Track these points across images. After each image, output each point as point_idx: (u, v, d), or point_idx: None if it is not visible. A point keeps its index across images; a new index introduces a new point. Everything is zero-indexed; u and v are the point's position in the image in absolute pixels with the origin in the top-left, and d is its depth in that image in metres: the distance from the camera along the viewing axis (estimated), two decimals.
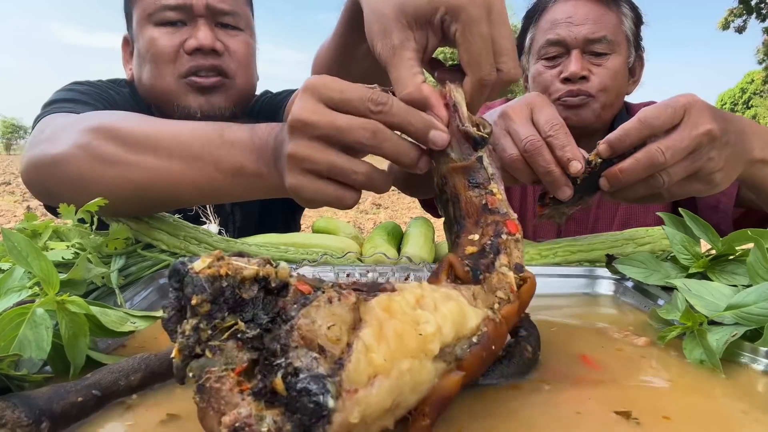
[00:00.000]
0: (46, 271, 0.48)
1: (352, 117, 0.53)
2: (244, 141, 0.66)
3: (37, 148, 0.79)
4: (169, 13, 1.09)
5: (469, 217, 0.51)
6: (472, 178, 0.52)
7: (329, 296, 0.34)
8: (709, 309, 0.54)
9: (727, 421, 0.41)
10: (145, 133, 0.71)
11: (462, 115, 0.53)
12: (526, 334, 0.49)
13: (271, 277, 0.33)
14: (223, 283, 0.32)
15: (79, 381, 0.39)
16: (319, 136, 0.54)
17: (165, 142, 0.70)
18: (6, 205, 7.83)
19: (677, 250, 0.68)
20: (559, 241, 0.88)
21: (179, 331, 0.32)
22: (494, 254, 0.47)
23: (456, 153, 0.53)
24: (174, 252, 0.80)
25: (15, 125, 59.65)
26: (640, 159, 0.65)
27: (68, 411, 0.37)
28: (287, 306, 0.33)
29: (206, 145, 0.67)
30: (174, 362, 0.32)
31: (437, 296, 0.40)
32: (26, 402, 0.35)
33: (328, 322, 0.33)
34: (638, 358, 0.52)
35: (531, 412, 0.41)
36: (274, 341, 0.32)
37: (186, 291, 0.32)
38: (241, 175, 0.66)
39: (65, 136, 0.76)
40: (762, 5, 15.76)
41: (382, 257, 0.80)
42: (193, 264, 0.32)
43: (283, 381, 0.30)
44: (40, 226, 0.68)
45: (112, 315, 0.50)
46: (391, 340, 0.34)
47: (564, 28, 1.19)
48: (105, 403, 0.40)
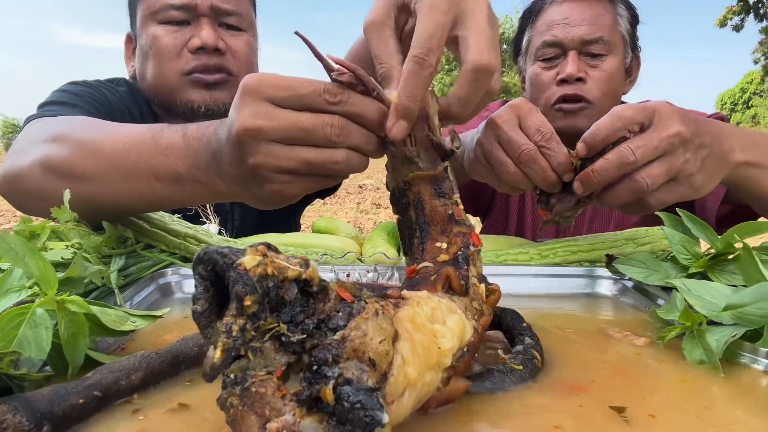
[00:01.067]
0: (44, 271, 0.48)
1: (315, 114, 0.50)
2: (178, 146, 0.63)
3: (8, 161, 0.80)
4: (174, 12, 1.10)
5: (434, 225, 0.51)
6: (438, 188, 0.52)
7: (375, 309, 0.34)
8: (709, 309, 0.54)
9: (728, 421, 0.41)
10: (92, 144, 0.70)
11: (432, 125, 0.53)
12: (532, 342, 0.50)
13: (314, 281, 0.33)
14: (269, 282, 0.31)
15: (80, 381, 0.39)
16: (279, 139, 0.51)
17: (106, 153, 0.68)
18: (6, 205, 7.82)
19: (677, 250, 0.68)
20: (559, 241, 0.88)
21: (223, 329, 0.30)
22: (466, 265, 0.48)
23: (423, 162, 0.53)
24: (174, 252, 0.80)
25: (15, 125, 59.65)
26: (611, 158, 0.66)
27: (69, 413, 0.37)
28: (332, 313, 0.33)
29: (142, 154, 0.65)
30: (213, 361, 0.30)
31: (443, 308, 0.41)
32: (27, 405, 0.35)
33: (378, 336, 0.33)
34: (638, 358, 0.52)
35: (531, 413, 0.41)
36: (324, 350, 0.31)
37: (235, 288, 0.30)
38: (179, 182, 0.63)
39: (30, 150, 0.76)
40: (760, 5, 15.78)
41: (382, 257, 0.80)
42: (243, 260, 0.31)
43: (332, 391, 0.30)
44: (38, 227, 0.68)
45: (111, 314, 0.50)
46: (420, 354, 0.36)
47: (560, 30, 1.19)
48: (106, 403, 0.40)
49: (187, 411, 0.40)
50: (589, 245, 0.86)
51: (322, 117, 0.50)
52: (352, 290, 0.35)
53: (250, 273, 0.30)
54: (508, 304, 0.56)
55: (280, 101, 0.50)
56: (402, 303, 0.39)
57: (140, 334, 0.55)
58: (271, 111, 0.50)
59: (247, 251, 0.31)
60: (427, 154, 0.53)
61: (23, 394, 0.37)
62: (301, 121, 0.50)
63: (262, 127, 0.50)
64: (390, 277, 0.74)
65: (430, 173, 0.52)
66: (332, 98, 0.50)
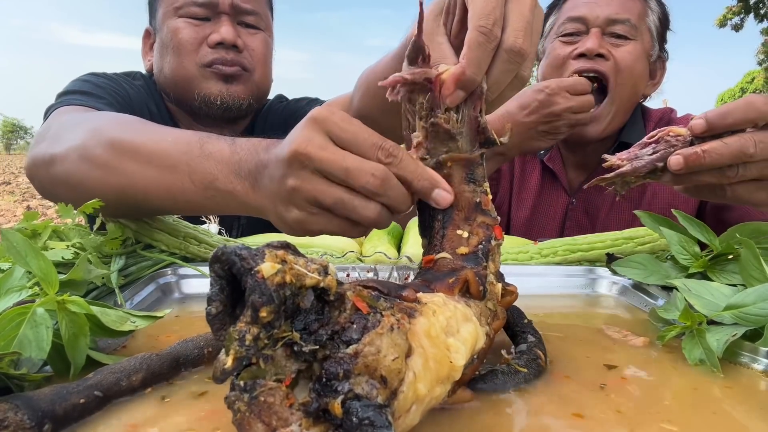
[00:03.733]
0: (45, 271, 0.48)
1: (363, 160, 0.51)
2: (223, 153, 0.63)
3: (40, 146, 0.81)
4: (196, 8, 1.14)
5: (459, 210, 0.50)
6: (471, 173, 0.51)
7: (391, 323, 0.34)
8: (709, 309, 0.54)
9: (728, 420, 0.41)
10: (132, 138, 0.71)
11: (482, 106, 0.51)
12: (535, 339, 0.49)
13: (331, 290, 0.33)
14: (287, 291, 0.31)
15: (81, 382, 0.39)
16: (322, 171, 0.51)
17: (147, 149, 0.69)
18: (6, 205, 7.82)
19: (676, 250, 0.68)
20: (559, 241, 0.88)
21: (236, 336, 0.30)
22: (485, 260, 0.47)
23: (464, 141, 0.51)
24: (174, 252, 0.80)
25: (15, 125, 59.58)
26: (731, 144, 0.61)
27: (70, 412, 0.37)
28: (346, 324, 0.33)
29: (184, 155, 0.66)
30: (224, 367, 0.30)
31: (459, 316, 0.40)
32: (29, 404, 0.35)
33: (392, 354, 0.33)
34: (638, 358, 0.52)
35: (533, 414, 0.41)
36: (336, 364, 0.31)
37: (252, 297, 0.30)
38: (213, 188, 0.63)
39: (66, 136, 0.77)
40: (760, 5, 15.77)
41: (382, 257, 0.80)
42: (262, 267, 0.30)
43: (341, 405, 0.30)
44: (39, 226, 0.68)
45: (112, 314, 0.50)
46: (432, 369, 0.35)
47: (586, 6, 1.15)
48: (106, 403, 0.40)
49: (207, 397, 0.43)
50: (589, 245, 0.86)
51: (368, 164, 0.51)
52: (368, 300, 0.35)
53: (268, 282, 0.30)
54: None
55: (338, 140, 0.52)
56: (417, 311, 0.38)
57: (139, 334, 0.55)
58: (325, 144, 0.51)
59: (266, 255, 0.31)
60: (470, 135, 0.51)
61: (25, 393, 0.37)
62: (346, 160, 0.51)
63: (311, 155, 0.51)
64: (393, 277, 0.74)
65: (465, 156, 0.51)
66: (385, 157, 0.51)
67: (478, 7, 0.50)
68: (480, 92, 0.51)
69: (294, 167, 0.53)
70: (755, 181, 0.65)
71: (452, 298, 0.43)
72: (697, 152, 0.61)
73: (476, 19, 0.50)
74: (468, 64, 0.49)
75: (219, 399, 0.42)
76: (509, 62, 0.51)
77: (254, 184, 0.60)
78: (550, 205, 1.31)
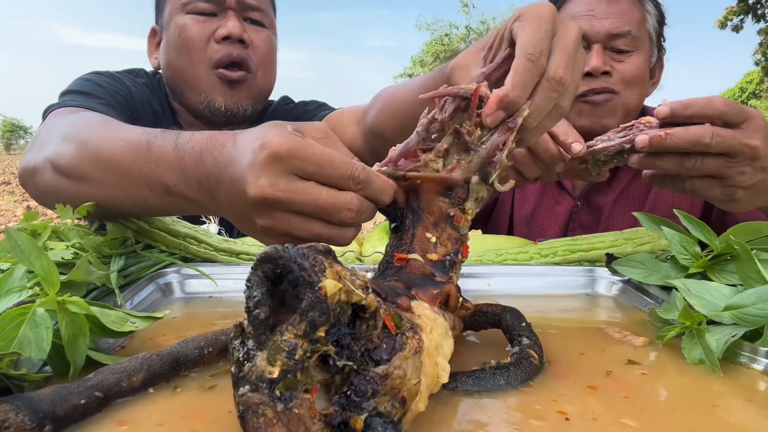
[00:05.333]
0: (48, 271, 0.48)
1: (336, 193, 0.50)
2: (168, 157, 0.61)
3: (28, 155, 0.82)
4: (202, 4, 1.16)
5: (429, 215, 0.51)
6: (449, 190, 0.51)
7: (414, 347, 0.35)
8: (709, 309, 0.54)
9: (728, 420, 0.41)
10: (96, 146, 0.70)
11: (508, 139, 0.51)
12: (530, 342, 0.50)
13: (369, 309, 0.33)
14: (338, 308, 0.31)
15: (82, 382, 0.39)
16: (295, 211, 0.50)
17: (105, 157, 0.67)
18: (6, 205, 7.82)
19: (676, 250, 0.68)
20: (559, 241, 0.88)
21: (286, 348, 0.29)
22: (451, 270, 0.49)
23: (475, 160, 0.51)
24: (174, 252, 0.80)
25: (15, 125, 59.56)
26: (690, 131, 0.68)
27: (71, 413, 0.37)
28: (377, 344, 0.33)
29: (136, 161, 0.64)
30: (267, 376, 0.29)
31: (442, 332, 0.42)
32: (29, 405, 0.35)
33: (415, 378, 0.34)
34: (637, 358, 0.52)
35: (528, 413, 0.41)
36: (366, 383, 0.32)
37: (312, 315, 0.30)
38: (169, 195, 0.61)
39: (46, 146, 0.78)
40: (758, 6, 15.78)
41: (380, 257, 0.80)
42: (325, 284, 0.30)
43: (363, 422, 0.31)
44: (39, 226, 0.68)
45: (112, 315, 0.50)
46: (428, 386, 0.38)
47: (585, 22, 1.13)
48: (107, 403, 0.40)
49: (217, 389, 0.44)
50: (589, 245, 0.86)
51: (342, 198, 0.50)
52: (395, 320, 0.36)
53: (329, 300, 0.30)
54: (508, 303, 0.56)
55: (306, 174, 0.50)
56: (419, 327, 0.39)
57: (138, 334, 0.55)
58: (292, 185, 0.49)
59: (326, 270, 0.31)
60: (482, 159, 0.51)
61: (25, 393, 0.37)
62: (320, 198, 0.50)
63: (281, 199, 0.49)
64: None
65: (439, 176, 0.50)
66: (356, 184, 0.50)
67: (527, 38, 0.52)
68: (513, 124, 0.51)
69: (263, 210, 0.51)
70: (712, 178, 0.72)
71: (434, 309, 0.44)
72: (661, 134, 0.69)
73: (524, 47, 0.52)
74: (513, 87, 0.50)
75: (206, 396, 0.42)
76: (550, 90, 0.52)
77: (210, 197, 0.58)
78: (554, 207, 1.30)
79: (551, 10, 0.54)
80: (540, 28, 0.52)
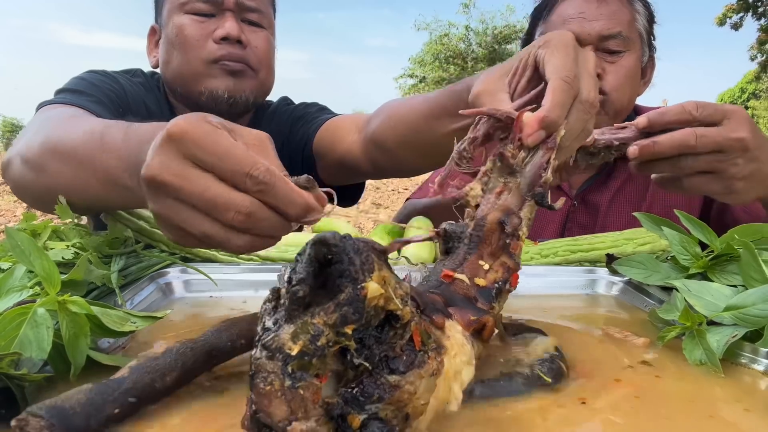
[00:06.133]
0: (48, 271, 0.48)
1: (229, 191, 0.45)
2: (116, 145, 0.60)
3: (9, 149, 0.84)
4: (200, 5, 1.15)
5: (488, 245, 0.50)
6: (508, 218, 0.51)
7: (433, 369, 0.35)
8: (709, 309, 0.54)
9: (728, 421, 0.41)
10: (58, 137, 0.71)
11: (551, 158, 0.52)
12: (558, 353, 0.49)
13: (403, 320, 0.33)
14: (372, 311, 0.31)
15: (117, 385, 0.37)
16: (183, 200, 0.46)
17: (64, 146, 0.68)
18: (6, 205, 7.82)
19: (677, 250, 0.68)
20: (559, 241, 0.88)
21: (311, 331, 0.30)
22: (495, 301, 0.48)
23: (523, 182, 0.52)
24: (174, 252, 0.80)
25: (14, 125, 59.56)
26: (675, 136, 0.72)
27: (104, 425, 0.36)
28: (398, 353, 0.33)
29: (90, 151, 0.63)
30: (286, 351, 0.30)
31: (465, 359, 0.41)
32: (63, 421, 0.33)
33: (424, 398, 0.34)
34: (637, 358, 0.52)
35: (532, 415, 0.41)
36: (374, 387, 0.32)
37: (346, 310, 0.30)
38: (113, 184, 0.60)
39: (21, 140, 0.80)
40: (758, 2, 15.77)
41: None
42: (368, 286, 0.30)
43: (360, 422, 0.31)
44: (39, 226, 0.68)
45: (112, 315, 0.50)
46: (434, 409, 0.37)
47: (576, 24, 1.14)
48: (139, 408, 0.38)
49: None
50: (589, 245, 0.86)
51: (233, 198, 0.45)
52: (423, 337, 0.36)
53: (367, 302, 0.30)
54: (509, 303, 0.56)
55: (201, 163, 0.45)
56: (444, 348, 0.38)
57: (138, 334, 0.55)
58: (184, 171, 0.45)
59: (374, 273, 0.31)
60: (529, 180, 0.52)
61: (60, 404, 0.35)
62: (209, 192, 0.45)
63: (168, 184, 0.45)
64: None
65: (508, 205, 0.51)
66: (254, 185, 0.45)
67: (560, 63, 0.54)
68: (553, 144, 0.52)
69: (154, 194, 0.47)
70: (708, 174, 0.75)
71: (465, 334, 0.43)
72: (648, 143, 0.73)
73: (559, 71, 0.53)
74: (552, 107, 0.51)
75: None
76: (584, 112, 0.54)
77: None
78: None
79: (573, 38, 0.57)
80: (569, 55, 0.55)
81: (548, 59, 0.55)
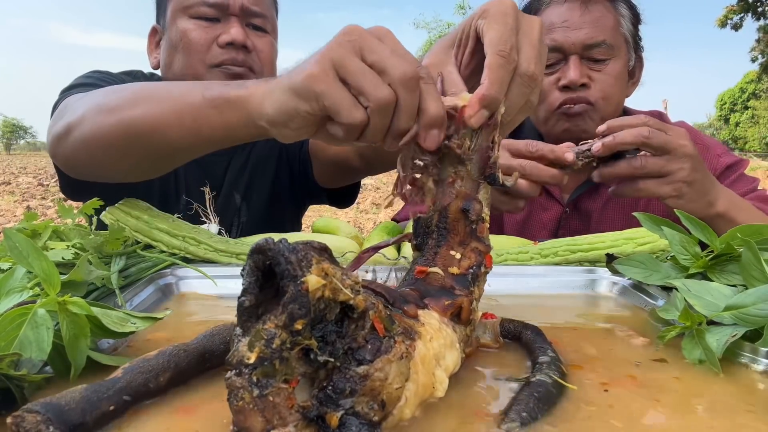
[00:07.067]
0: (47, 272, 0.48)
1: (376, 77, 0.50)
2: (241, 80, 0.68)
3: (57, 124, 0.86)
4: (206, 9, 1.15)
5: (455, 234, 0.51)
6: (469, 204, 0.51)
7: (401, 352, 0.35)
8: (709, 309, 0.54)
9: (728, 421, 0.41)
10: (148, 87, 0.78)
11: (497, 139, 0.52)
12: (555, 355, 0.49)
13: (358, 309, 0.33)
14: (321, 304, 0.31)
15: (111, 384, 0.38)
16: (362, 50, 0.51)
17: (165, 88, 0.75)
18: (6, 205, 7.83)
19: (677, 250, 0.68)
20: (559, 241, 0.88)
21: (265, 336, 0.31)
22: (473, 285, 0.48)
23: (473, 167, 0.52)
24: (174, 252, 0.80)
25: (15, 125, 59.50)
26: (633, 130, 0.85)
27: (100, 421, 0.36)
28: (361, 344, 0.33)
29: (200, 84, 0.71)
30: (244, 361, 0.31)
31: (447, 343, 0.42)
32: (60, 417, 0.34)
33: (397, 383, 0.34)
34: (637, 358, 0.52)
35: None
36: (345, 381, 0.32)
37: (290, 307, 0.30)
38: (221, 98, 0.65)
39: (78, 105, 0.83)
40: (759, 4, 15.77)
41: (381, 258, 0.80)
42: (308, 279, 0.31)
43: (339, 419, 0.31)
44: (39, 226, 0.68)
45: (112, 316, 0.50)
46: (418, 395, 0.37)
47: (560, 33, 1.14)
48: (133, 406, 0.39)
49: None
50: (589, 245, 0.86)
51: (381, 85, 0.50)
52: (386, 323, 0.36)
53: (310, 295, 0.31)
54: (509, 303, 0.57)
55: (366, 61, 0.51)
56: (417, 333, 0.39)
57: (137, 334, 0.55)
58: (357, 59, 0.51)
59: (312, 266, 0.31)
60: (479, 164, 0.52)
61: (56, 401, 0.35)
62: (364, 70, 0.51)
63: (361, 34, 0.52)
64: (387, 279, 0.74)
65: (465, 191, 0.52)
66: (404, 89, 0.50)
67: (495, 36, 0.53)
68: (495, 123, 0.51)
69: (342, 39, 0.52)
70: (659, 177, 0.86)
71: (443, 320, 0.44)
72: (610, 138, 0.85)
73: (495, 45, 0.52)
74: (491, 84, 0.51)
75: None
76: (524, 86, 0.53)
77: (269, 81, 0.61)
78: (543, 213, 1.30)
79: (513, 5, 0.55)
80: (506, 24, 0.53)
81: (486, 31, 0.54)
